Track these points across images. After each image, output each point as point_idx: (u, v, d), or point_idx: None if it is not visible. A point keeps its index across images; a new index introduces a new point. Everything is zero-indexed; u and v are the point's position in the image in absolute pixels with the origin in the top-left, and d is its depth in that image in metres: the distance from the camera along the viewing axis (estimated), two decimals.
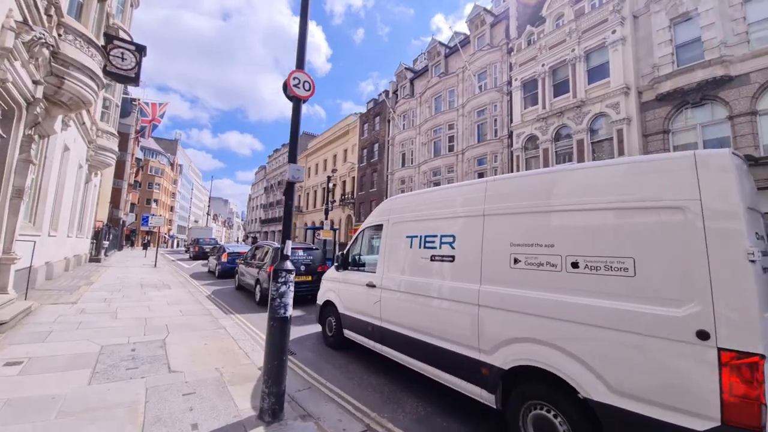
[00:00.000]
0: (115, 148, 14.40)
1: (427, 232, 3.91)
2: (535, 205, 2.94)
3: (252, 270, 9.62)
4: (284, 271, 3.15)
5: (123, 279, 11.38)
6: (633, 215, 2.37)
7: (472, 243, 3.35)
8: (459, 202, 3.63)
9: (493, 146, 20.06)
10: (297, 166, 3.46)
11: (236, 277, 11.49)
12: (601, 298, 2.39)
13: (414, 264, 4.00)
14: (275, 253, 8.70)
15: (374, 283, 4.58)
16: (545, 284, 2.72)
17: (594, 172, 2.73)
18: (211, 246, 25.76)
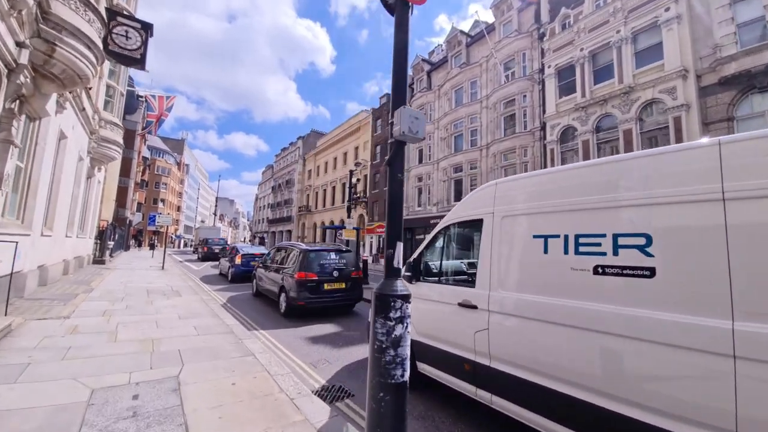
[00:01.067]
0: (119, 140, 13.21)
1: (581, 229, 2.55)
2: None
3: (274, 275, 8.32)
4: (398, 299, 1.82)
5: (128, 284, 10.14)
6: None
7: (698, 247, 1.98)
8: (653, 179, 2.25)
9: (523, 139, 18.62)
10: (413, 112, 2.12)
11: (253, 282, 10.21)
12: None
13: (557, 278, 2.64)
14: (304, 256, 7.38)
15: (473, 303, 3.24)
16: None
17: None
18: (220, 246, 24.60)
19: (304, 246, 7.71)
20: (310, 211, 47.56)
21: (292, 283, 7.22)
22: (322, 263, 7.39)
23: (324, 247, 7.94)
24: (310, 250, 7.44)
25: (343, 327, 6.79)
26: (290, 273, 7.41)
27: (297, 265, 7.33)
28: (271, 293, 8.43)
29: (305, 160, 51.65)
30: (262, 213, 71.07)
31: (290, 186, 54.11)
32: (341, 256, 7.75)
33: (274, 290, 8.15)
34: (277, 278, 8.08)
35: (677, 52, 13.38)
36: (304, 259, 7.28)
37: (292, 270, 7.38)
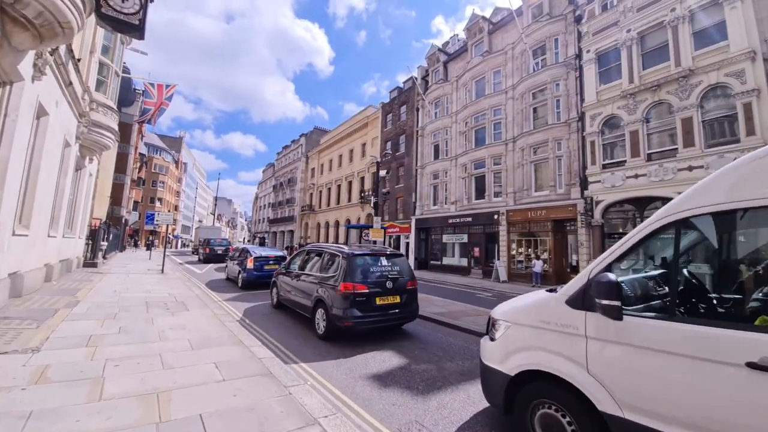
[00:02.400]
0: (113, 126, 11.52)
1: None
2: None
3: (305, 286, 6.67)
4: None
5: (122, 293, 8.46)
6: None
7: None
8: None
9: (557, 131, 17.07)
10: None
11: (272, 292, 8.55)
12: None
13: None
14: (349, 262, 5.73)
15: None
16: None
17: None
18: (223, 248, 22.90)
19: (347, 249, 6.06)
20: (313, 210, 45.88)
21: (334, 297, 5.58)
22: (372, 271, 5.77)
23: (372, 249, 6.31)
24: (357, 255, 5.82)
25: (407, 356, 5.16)
26: (331, 284, 5.77)
27: (341, 273, 5.69)
28: (301, 307, 6.79)
29: (308, 158, 49.95)
30: (262, 213, 69.24)
31: (292, 185, 52.37)
32: (393, 261, 6.12)
33: (306, 304, 6.51)
34: (309, 289, 6.43)
35: (743, 32, 11.89)
36: (349, 266, 5.64)
37: (334, 280, 5.74)
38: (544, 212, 16.99)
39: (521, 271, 18.00)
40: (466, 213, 21.55)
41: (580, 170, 15.97)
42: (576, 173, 16.10)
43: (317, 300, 6.04)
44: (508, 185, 19.37)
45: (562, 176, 16.77)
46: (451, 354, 5.30)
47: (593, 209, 15.13)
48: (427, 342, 5.92)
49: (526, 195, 18.22)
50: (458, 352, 5.43)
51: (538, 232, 17.71)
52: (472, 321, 7.16)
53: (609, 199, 14.65)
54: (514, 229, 18.76)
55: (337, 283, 5.59)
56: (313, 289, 6.29)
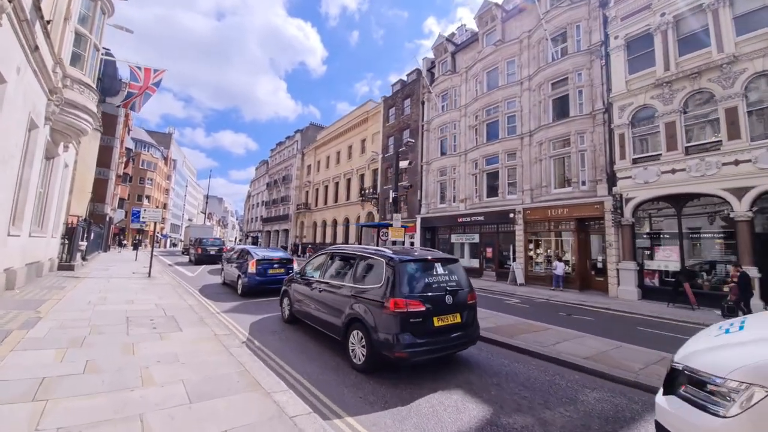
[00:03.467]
0: (91, 107, 9.91)
1: None
2: None
3: (334, 299, 5.24)
4: None
5: (98, 305, 6.94)
6: None
7: None
8: None
9: (580, 124, 15.91)
10: None
11: (283, 303, 7.12)
12: None
13: None
14: (397, 271, 4.33)
15: None
16: None
17: None
18: (216, 248, 21.27)
19: (389, 252, 4.64)
20: (309, 209, 44.28)
21: (379, 317, 4.21)
22: (427, 282, 4.41)
23: (421, 253, 4.94)
24: (407, 261, 4.44)
25: (485, 400, 3.79)
26: (373, 299, 4.39)
27: (387, 285, 4.30)
28: (325, 326, 5.38)
29: (304, 155, 48.29)
30: (255, 211, 67.22)
31: (287, 182, 50.64)
32: (449, 269, 4.75)
33: (333, 322, 5.11)
34: (338, 303, 5.04)
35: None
36: (399, 276, 4.26)
37: (379, 294, 4.34)
38: (566, 210, 15.82)
39: (540, 274, 16.83)
40: (477, 211, 20.31)
41: (607, 165, 14.84)
42: (602, 168, 14.96)
43: (352, 319, 4.65)
44: (524, 182, 18.19)
45: (586, 172, 15.63)
46: (542, 395, 3.98)
47: (623, 207, 14.00)
48: (496, 373, 4.59)
49: (545, 192, 17.04)
50: (547, 390, 4.11)
51: (560, 231, 16.55)
52: (535, 340, 5.85)
53: (641, 196, 13.53)
54: (532, 229, 17.58)
55: (384, 298, 4.21)
56: (343, 304, 4.90)
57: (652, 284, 13.29)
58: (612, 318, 9.57)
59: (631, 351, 5.58)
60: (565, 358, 4.97)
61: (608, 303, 12.19)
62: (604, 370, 4.69)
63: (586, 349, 5.47)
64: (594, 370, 4.67)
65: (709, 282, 12.14)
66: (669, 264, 12.86)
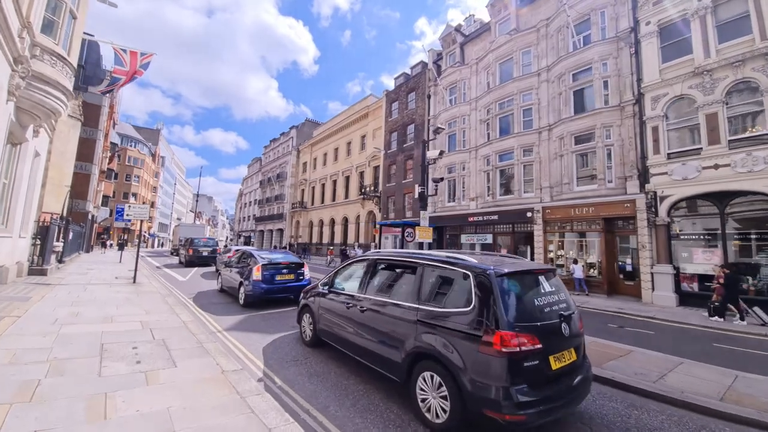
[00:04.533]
0: (65, 83, 8.34)
1: None
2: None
3: (386, 322, 3.77)
4: None
5: (66, 325, 5.46)
6: None
7: None
8: None
9: (606, 117, 14.83)
10: None
11: (303, 320, 5.71)
12: None
13: None
14: (502, 293, 2.97)
15: None
16: None
17: None
18: (209, 248, 19.65)
19: (474, 261, 3.28)
20: (305, 207, 42.72)
21: (474, 359, 2.81)
22: (537, 305, 3.10)
23: (522, 263, 3.60)
24: (509, 273, 3.09)
25: None
26: (459, 330, 2.99)
27: (482, 310, 2.87)
28: (375, 360, 3.91)
29: (300, 152, 46.66)
30: (247, 210, 65.21)
31: (282, 180, 48.91)
32: (554, 285, 3.42)
33: (387, 356, 3.70)
34: (395, 331, 3.65)
35: None
36: (500, 297, 2.90)
37: (466, 322, 2.95)
38: (591, 209, 14.72)
39: (562, 277, 15.70)
40: (490, 210, 19.13)
41: (638, 161, 13.77)
42: (633, 164, 13.89)
43: (419, 354, 3.31)
44: (542, 179, 17.07)
45: (613, 168, 14.55)
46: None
47: (657, 206, 12.94)
48: (622, 430, 3.30)
49: (566, 189, 15.93)
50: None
51: (584, 231, 15.44)
52: (633, 371, 4.59)
53: (679, 193, 12.49)
54: (552, 229, 16.46)
55: (479, 329, 2.87)
56: (403, 332, 3.54)
57: (690, 289, 12.25)
58: (672, 331, 8.42)
59: (759, 383, 4.38)
60: (698, 402, 3.73)
61: (647, 310, 11.12)
62: (756, 416, 3.46)
63: (706, 384, 4.26)
64: (749, 419, 3.44)
65: (754, 287, 11.16)
66: (710, 268, 11.82)
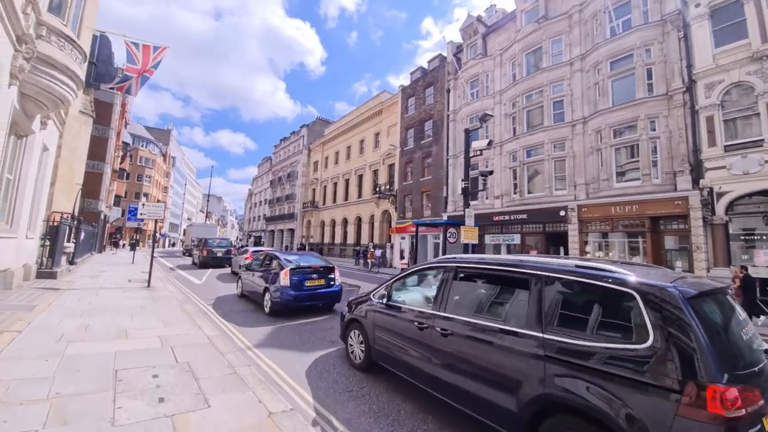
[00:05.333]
0: (75, 69, 7.59)
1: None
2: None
3: (497, 356, 2.72)
4: None
5: (72, 344, 4.63)
6: None
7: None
8: None
9: (651, 107, 13.67)
10: None
11: (351, 337, 4.77)
12: None
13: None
14: (695, 324, 1.96)
15: None
16: None
17: None
18: (224, 249, 18.93)
19: (633, 275, 2.27)
20: (316, 207, 41.96)
21: (675, 426, 1.89)
22: (745, 339, 2.14)
23: (702, 280, 2.62)
24: (699, 295, 2.07)
25: None
26: (634, 378, 2.00)
27: (668, 348, 1.91)
28: (471, 403, 2.85)
29: (311, 151, 45.93)
30: (257, 210, 64.82)
31: (292, 179, 48.26)
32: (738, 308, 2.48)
33: (494, 402, 2.66)
34: (505, 367, 2.62)
35: None
36: (700, 332, 1.87)
37: (646, 370, 1.96)
38: (635, 207, 13.58)
39: None
40: (517, 209, 18.06)
41: (690, 154, 12.61)
42: (683, 158, 12.73)
43: (557, 405, 2.32)
44: (576, 175, 15.95)
45: (660, 162, 13.40)
46: None
47: (713, 203, 11.78)
48: None
49: (605, 186, 14.80)
50: None
51: (626, 231, 14.29)
52: None
53: (739, 189, 11.32)
54: (589, 228, 15.33)
55: (672, 378, 1.88)
56: (525, 372, 2.45)
57: None
58: None
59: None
60: None
61: None
62: None
63: None
64: None
65: None
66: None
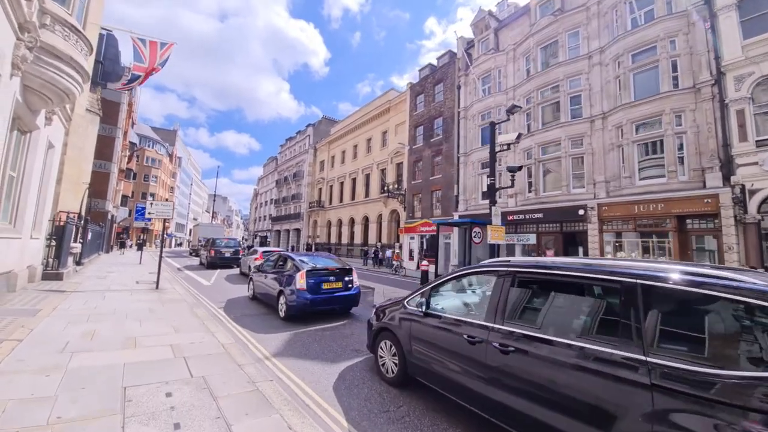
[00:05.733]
0: (81, 60, 7.24)
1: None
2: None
3: (595, 392, 2.20)
4: None
5: (77, 355, 4.23)
6: None
7: None
8: None
9: (677, 100, 13.08)
10: None
11: (382, 348, 4.31)
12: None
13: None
14: None
15: None
16: None
17: None
18: (232, 249, 18.59)
19: (760, 282, 1.91)
20: (323, 207, 41.63)
21: None
22: None
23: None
24: None
25: None
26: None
27: None
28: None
29: (317, 150, 45.62)
30: (263, 210, 64.69)
31: (298, 179, 47.98)
32: None
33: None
34: (604, 399, 2.05)
35: None
36: None
37: None
38: (661, 206, 13.00)
39: None
40: (532, 208, 17.53)
41: (719, 150, 12.02)
42: (713, 154, 12.13)
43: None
44: (596, 172, 15.39)
45: (687, 158, 12.81)
46: None
47: (746, 201, 11.19)
48: None
49: (627, 184, 14.23)
50: None
51: (650, 231, 13.70)
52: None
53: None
54: (610, 228, 14.76)
55: None
56: (623, 402, 1.89)
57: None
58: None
59: None
60: None
61: None
62: None
63: None
64: None
65: None
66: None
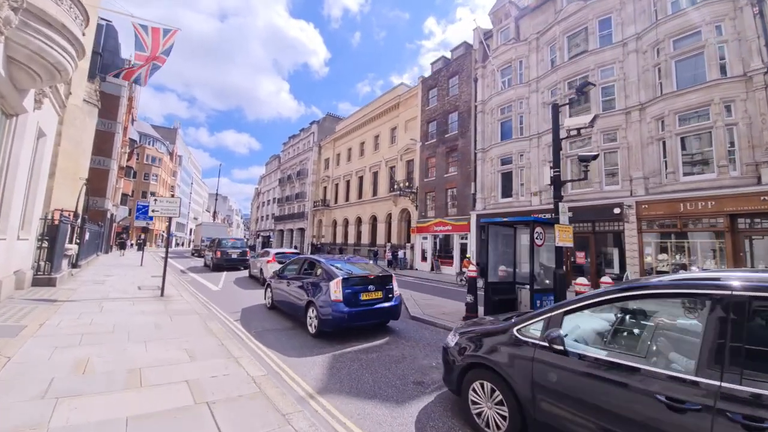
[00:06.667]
0: (74, 30, 6.15)
1: None
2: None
3: None
4: None
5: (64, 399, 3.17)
6: None
7: None
8: None
9: (726, 89, 12.00)
10: None
11: (476, 393, 3.23)
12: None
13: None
14: None
15: None
16: None
17: None
18: (238, 250, 17.48)
19: None
20: (328, 206, 40.50)
21: None
22: None
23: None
24: None
25: None
26: None
27: None
28: None
29: (321, 148, 44.48)
30: (265, 209, 63.55)
31: (302, 177, 46.86)
32: None
33: None
34: None
35: None
36: None
37: None
38: (711, 204, 11.92)
39: None
40: None
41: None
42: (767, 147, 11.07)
43: None
44: (632, 168, 14.30)
45: (738, 152, 11.74)
46: None
47: None
48: None
49: (670, 180, 13.14)
50: None
51: (698, 231, 12.61)
52: None
53: None
54: (651, 228, 13.67)
55: None
56: None
57: None
58: None
59: None
60: None
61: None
62: None
63: None
64: None
65: None
66: None
